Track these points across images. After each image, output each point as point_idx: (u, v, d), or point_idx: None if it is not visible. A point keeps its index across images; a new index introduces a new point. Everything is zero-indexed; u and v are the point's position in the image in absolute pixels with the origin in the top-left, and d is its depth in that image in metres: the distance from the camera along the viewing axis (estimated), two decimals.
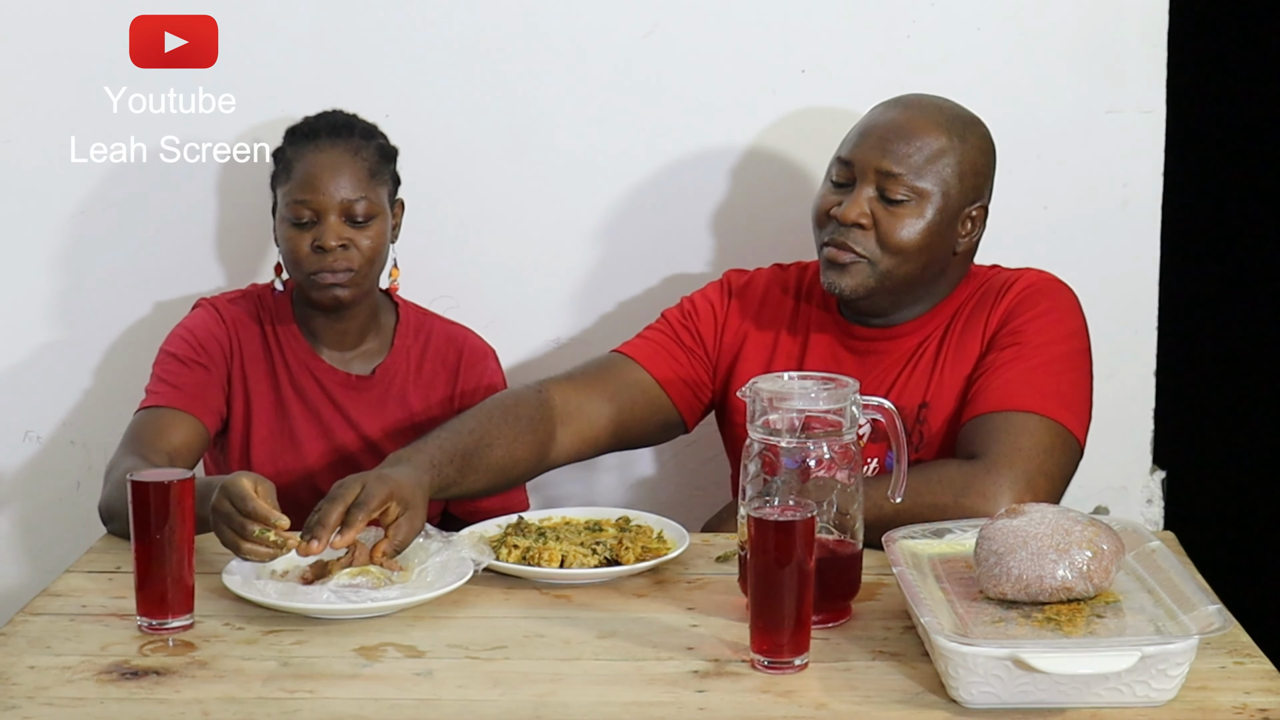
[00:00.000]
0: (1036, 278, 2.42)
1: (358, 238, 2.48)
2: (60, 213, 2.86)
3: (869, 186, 2.35)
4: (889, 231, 2.34)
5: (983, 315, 2.39)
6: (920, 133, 2.36)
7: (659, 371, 2.48)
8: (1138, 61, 2.81)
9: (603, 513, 2.33)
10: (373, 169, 2.51)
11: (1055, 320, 2.36)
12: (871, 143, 2.36)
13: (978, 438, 2.26)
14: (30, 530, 2.96)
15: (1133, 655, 1.71)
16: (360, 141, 2.52)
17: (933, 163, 2.35)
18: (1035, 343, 2.33)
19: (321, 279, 2.47)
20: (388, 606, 2.01)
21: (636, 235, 2.89)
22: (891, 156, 2.34)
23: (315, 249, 2.47)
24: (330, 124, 2.52)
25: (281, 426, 2.57)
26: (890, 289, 2.37)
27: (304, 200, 2.47)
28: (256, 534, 2.03)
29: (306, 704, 1.79)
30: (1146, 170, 2.84)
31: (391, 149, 2.58)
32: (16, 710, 1.77)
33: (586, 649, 1.93)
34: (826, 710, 1.76)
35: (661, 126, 2.85)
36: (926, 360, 2.40)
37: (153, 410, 2.46)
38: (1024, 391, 2.28)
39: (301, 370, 2.57)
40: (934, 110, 2.39)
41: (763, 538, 1.83)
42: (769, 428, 1.97)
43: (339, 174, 2.48)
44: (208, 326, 2.56)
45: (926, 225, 2.34)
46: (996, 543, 1.90)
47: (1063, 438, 2.26)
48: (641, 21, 2.82)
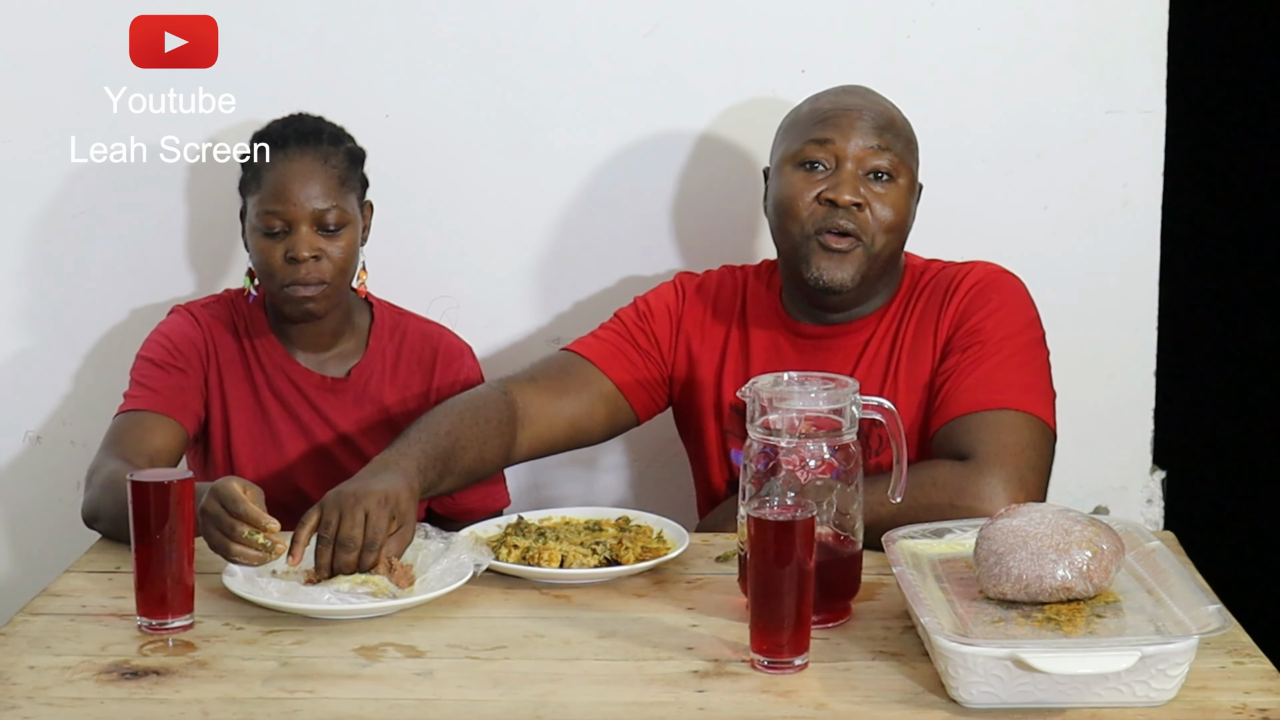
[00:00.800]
0: (983, 273, 2.42)
1: (329, 247, 2.48)
2: (60, 212, 2.86)
3: (854, 167, 2.36)
4: (879, 209, 2.36)
5: (933, 316, 2.39)
6: (888, 108, 2.42)
7: (617, 375, 2.48)
8: (1138, 61, 2.80)
9: (603, 513, 2.33)
10: (342, 176, 2.50)
11: (1010, 313, 2.37)
12: (849, 122, 2.37)
13: (961, 439, 2.26)
14: (30, 530, 2.96)
15: (1133, 655, 1.71)
16: (329, 148, 2.50)
17: (904, 135, 2.41)
18: (996, 338, 2.34)
19: (294, 291, 2.47)
20: (388, 606, 2.01)
21: (636, 235, 2.89)
22: (874, 132, 2.37)
23: (288, 260, 2.46)
24: (298, 131, 2.51)
25: (261, 430, 2.57)
26: (874, 274, 2.38)
27: (275, 210, 2.46)
28: (245, 535, 2.03)
29: (306, 704, 1.79)
30: (1146, 170, 2.84)
31: (359, 151, 2.57)
32: (16, 710, 1.77)
33: (586, 649, 1.93)
34: (826, 710, 1.76)
35: (662, 126, 2.85)
36: (880, 362, 2.40)
37: (132, 414, 2.47)
38: (996, 389, 2.29)
39: (278, 374, 2.58)
40: (877, 93, 2.45)
41: (763, 538, 1.83)
42: (769, 428, 1.97)
43: (309, 183, 2.47)
44: (184, 331, 2.56)
45: (906, 200, 2.38)
46: (996, 543, 1.90)
47: (1040, 430, 2.27)
48: (642, 21, 2.82)
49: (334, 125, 2.56)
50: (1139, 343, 2.89)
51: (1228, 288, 3.39)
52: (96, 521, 2.31)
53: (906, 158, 2.39)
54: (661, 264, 2.89)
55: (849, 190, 2.35)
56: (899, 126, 2.41)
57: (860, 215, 2.35)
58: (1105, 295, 2.84)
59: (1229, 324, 3.40)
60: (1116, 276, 2.86)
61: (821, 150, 2.37)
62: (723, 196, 2.87)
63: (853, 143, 2.36)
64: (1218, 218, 3.36)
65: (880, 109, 2.41)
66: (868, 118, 2.38)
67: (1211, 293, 3.35)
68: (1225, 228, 3.38)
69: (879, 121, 2.38)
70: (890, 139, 2.37)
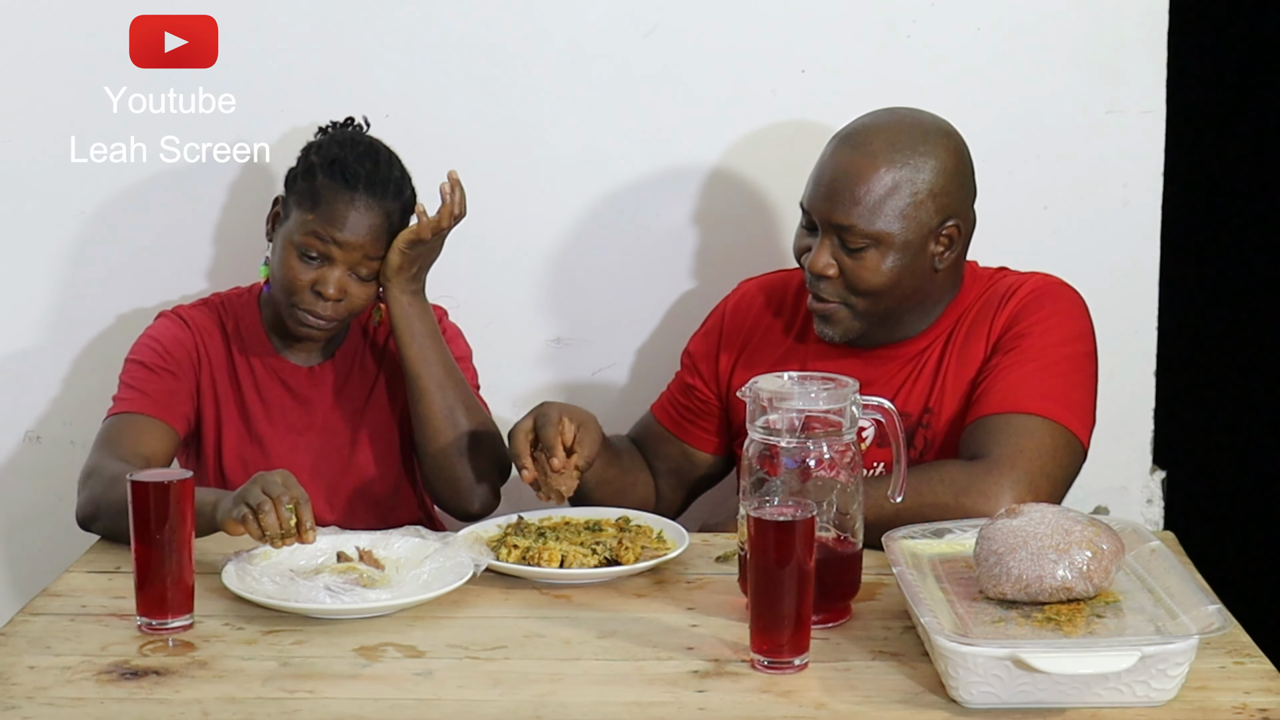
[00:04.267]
0: (1042, 281, 2.41)
1: (356, 291, 2.47)
2: (60, 213, 2.86)
3: (830, 236, 2.33)
4: (856, 279, 2.32)
5: (986, 320, 2.39)
6: (866, 175, 2.30)
7: (699, 444, 2.56)
8: (1138, 61, 2.80)
9: (603, 513, 2.33)
10: (395, 230, 2.49)
11: (1059, 323, 2.35)
12: (822, 194, 2.33)
13: (980, 439, 2.26)
14: (30, 530, 2.96)
15: (1133, 655, 1.71)
16: (392, 203, 2.47)
17: (884, 203, 2.30)
18: (1039, 345, 2.32)
19: (303, 317, 2.47)
20: (388, 606, 2.01)
21: (637, 235, 2.89)
22: (841, 209, 2.31)
23: (314, 291, 2.46)
24: (370, 176, 2.45)
25: (249, 429, 2.57)
26: (877, 323, 2.37)
27: (321, 240, 2.43)
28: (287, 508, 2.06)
29: (306, 704, 1.79)
30: (1146, 170, 2.84)
31: (413, 201, 2.52)
32: (16, 710, 1.77)
33: (586, 649, 1.93)
34: (826, 710, 1.76)
35: (662, 126, 2.85)
36: (930, 366, 2.40)
37: (123, 416, 2.46)
38: (1027, 393, 2.28)
39: (266, 373, 2.57)
40: (881, 143, 2.32)
41: (763, 538, 1.83)
42: (769, 428, 1.97)
43: (365, 232, 2.44)
44: (174, 334, 2.55)
45: (893, 265, 2.32)
46: (996, 543, 1.90)
47: (1065, 439, 2.26)
48: (642, 21, 2.82)
49: (402, 168, 2.53)
50: (1139, 343, 2.89)
51: (1228, 288, 3.39)
52: (94, 522, 2.31)
53: (886, 222, 2.30)
54: (662, 263, 2.89)
55: (818, 262, 2.33)
56: (882, 190, 2.29)
57: (831, 285, 2.34)
58: (1105, 295, 2.83)
59: (1229, 324, 3.39)
60: (1116, 276, 2.86)
61: (807, 217, 2.37)
62: (723, 196, 2.87)
63: (824, 217, 2.32)
64: (1218, 218, 3.35)
65: (860, 173, 2.30)
66: (843, 187, 2.31)
67: (1211, 293, 3.35)
68: (1225, 228, 3.37)
69: (853, 192, 2.30)
70: (863, 210, 2.29)
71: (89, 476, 2.34)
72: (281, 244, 2.48)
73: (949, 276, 2.39)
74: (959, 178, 2.36)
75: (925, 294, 2.37)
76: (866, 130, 2.35)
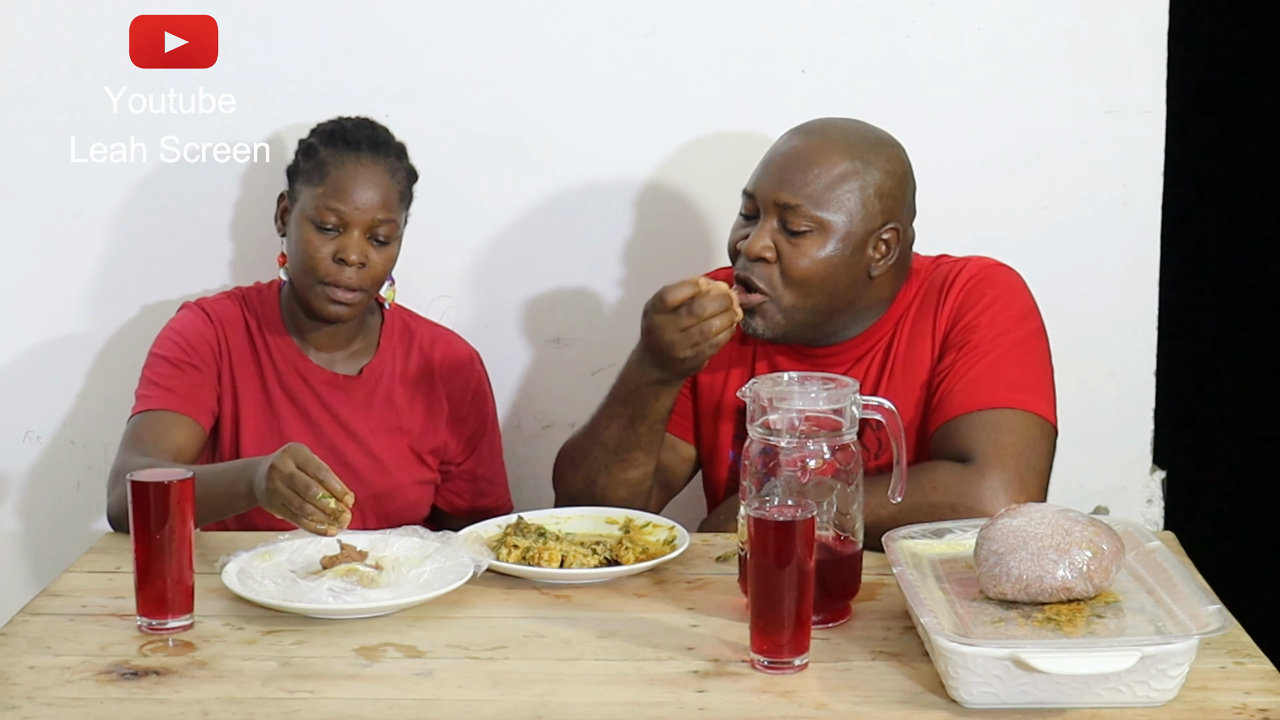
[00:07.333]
0: (978, 267, 2.39)
1: (375, 257, 2.49)
2: (60, 213, 2.86)
3: (772, 219, 2.32)
4: (791, 264, 2.30)
5: (929, 317, 2.38)
6: (819, 160, 2.31)
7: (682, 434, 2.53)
8: (1138, 61, 2.81)
9: (603, 513, 2.33)
10: (402, 191, 2.52)
11: (1004, 307, 2.35)
12: (771, 173, 2.33)
13: (957, 440, 2.26)
14: (30, 530, 2.96)
15: (1133, 655, 1.71)
16: (396, 162, 2.52)
17: (833, 189, 2.31)
18: (990, 335, 2.32)
19: (332, 292, 2.47)
20: (388, 606, 2.01)
21: (637, 234, 2.89)
22: (790, 187, 2.31)
23: (335, 260, 2.47)
24: (371, 138, 2.51)
25: (271, 425, 2.57)
26: (802, 323, 2.34)
27: (335, 208, 2.46)
28: (319, 497, 2.06)
29: (306, 704, 1.79)
30: (1146, 170, 2.84)
31: (416, 172, 2.58)
32: (16, 710, 1.77)
33: (586, 649, 1.93)
34: (826, 710, 1.76)
35: (662, 126, 2.85)
36: (875, 367, 2.39)
37: (150, 414, 2.46)
38: (993, 387, 2.28)
39: (289, 370, 2.57)
40: (837, 135, 2.34)
41: (763, 538, 1.83)
42: (769, 428, 1.97)
43: (375, 190, 2.48)
44: (196, 327, 2.55)
45: (830, 255, 2.31)
46: (996, 543, 1.90)
47: (1040, 427, 2.27)
48: (642, 21, 2.82)
49: (397, 139, 2.56)
50: (1139, 343, 2.89)
51: (1228, 288, 3.38)
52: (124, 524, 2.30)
53: (831, 210, 2.30)
54: (663, 263, 2.89)
55: (756, 244, 2.32)
56: (831, 176, 2.30)
57: (766, 269, 2.32)
58: (1105, 295, 2.84)
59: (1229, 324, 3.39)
60: (1116, 276, 2.86)
61: (749, 202, 2.36)
62: (724, 196, 2.87)
63: (770, 197, 2.31)
64: (1218, 218, 3.35)
65: (813, 157, 2.31)
66: (794, 168, 2.31)
67: (1211, 293, 3.35)
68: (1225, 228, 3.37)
69: (804, 173, 2.30)
70: (812, 191, 2.29)
71: (117, 476, 2.33)
72: (296, 224, 2.50)
73: (882, 287, 2.38)
74: (905, 188, 2.37)
75: (855, 297, 2.35)
76: (824, 125, 2.38)
